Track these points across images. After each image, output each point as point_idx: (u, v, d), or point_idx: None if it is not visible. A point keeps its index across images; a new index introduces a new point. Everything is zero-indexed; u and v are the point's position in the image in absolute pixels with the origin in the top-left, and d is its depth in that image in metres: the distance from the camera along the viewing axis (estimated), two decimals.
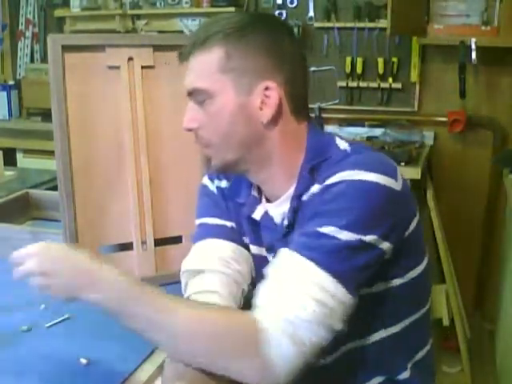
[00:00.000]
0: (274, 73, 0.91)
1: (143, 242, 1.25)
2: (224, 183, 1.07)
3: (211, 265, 0.98)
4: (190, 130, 0.95)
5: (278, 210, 0.97)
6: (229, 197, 1.05)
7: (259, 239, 1.02)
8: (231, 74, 0.90)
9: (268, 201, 1.00)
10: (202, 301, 0.91)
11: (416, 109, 2.91)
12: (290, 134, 0.95)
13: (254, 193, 1.02)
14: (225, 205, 1.05)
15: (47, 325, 1.07)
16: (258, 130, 0.93)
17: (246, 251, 1.03)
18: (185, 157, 1.28)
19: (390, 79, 2.90)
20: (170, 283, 1.24)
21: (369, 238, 0.81)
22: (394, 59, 2.87)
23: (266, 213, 0.99)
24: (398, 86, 2.90)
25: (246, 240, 1.04)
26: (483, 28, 2.66)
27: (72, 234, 1.17)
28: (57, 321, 1.08)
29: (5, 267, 1.32)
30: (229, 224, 1.04)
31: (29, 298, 1.17)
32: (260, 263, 1.00)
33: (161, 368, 0.96)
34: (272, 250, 0.98)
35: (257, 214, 1.00)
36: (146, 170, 1.24)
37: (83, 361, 0.95)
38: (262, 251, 1.02)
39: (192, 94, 0.94)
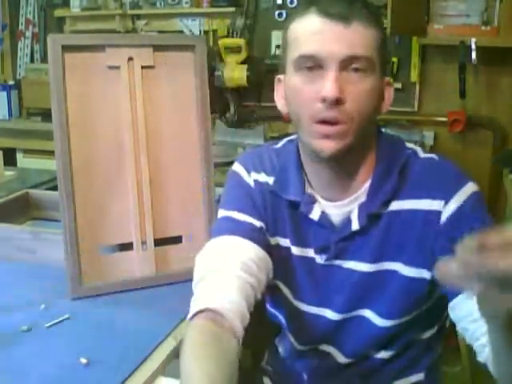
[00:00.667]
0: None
1: (143, 242, 1.25)
2: (263, 177, 0.99)
3: (231, 267, 0.90)
4: (338, 100, 0.82)
5: (341, 210, 0.92)
6: (271, 193, 0.98)
7: (304, 239, 0.96)
8: (381, 58, 0.87)
9: (324, 199, 0.94)
10: None
11: (416, 109, 2.91)
12: (374, 135, 0.95)
13: (309, 190, 0.95)
14: (261, 201, 0.98)
15: (47, 325, 1.07)
16: (376, 119, 0.91)
17: (268, 256, 0.95)
18: (185, 157, 1.28)
19: (390, 79, 2.90)
20: (170, 283, 1.25)
21: None
22: (394, 59, 2.87)
23: (323, 212, 0.93)
24: (398, 86, 2.90)
25: (281, 240, 0.98)
26: (483, 28, 2.66)
27: (72, 234, 1.17)
28: (57, 321, 1.08)
29: (5, 267, 1.33)
30: (258, 224, 0.97)
31: (29, 298, 1.17)
32: (303, 265, 0.97)
33: (160, 368, 0.97)
34: (326, 251, 0.94)
35: (314, 214, 0.94)
36: (146, 169, 1.24)
37: (83, 361, 0.95)
38: (308, 252, 0.96)
39: (351, 62, 0.83)
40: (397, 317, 0.93)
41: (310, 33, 0.84)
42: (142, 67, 1.23)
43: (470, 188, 0.88)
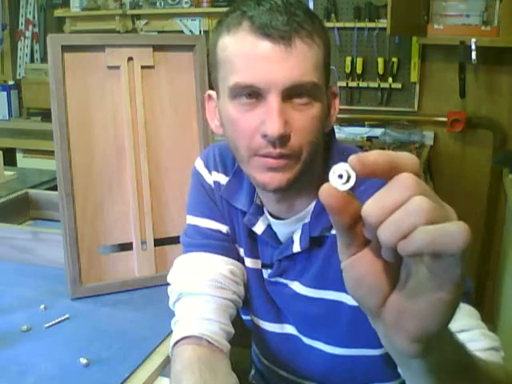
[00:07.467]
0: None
1: (143, 242, 1.25)
2: (222, 178, 0.93)
3: (204, 288, 0.87)
4: (283, 137, 0.73)
5: (286, 228, 0.86)
6: (224, 197, 0.93)
7: (256, 252, 0.92)
8: (326, 72, 0.77)
9: (270, 214, 0.88)
10: None
11: (416, 109, 2.91)
12: (321, 149, 0.85)
13: (258, 201, 0.88)
14: (221, 205, 0.94)
15: (47, 325, 1.07)
16: (322, 139, 0.81)
17: (241, 265, 0.93)
18: (184, 156, 1.28)
19: (390, 79, 2.90)
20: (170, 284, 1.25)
21: None
22: (394, 59, 2.87)
23: (269, 227, 0.88)
24: (398, 86, 2.90)
25: (239, 250, 0.94)
26: (483, 28, 2.66)
27: (72, 234, 1.17)
28: (57, 321, 1.08)
29: (5, 267, 1.33)
30: (224, 229, 0.93)
31: (29, 298, 1.17)
32: (255, 278, 0.93)
33: (160, 368, 0.97)
34: (269, 267, 0.90)
35: (258, 228, 0.88)
36: (146, 169, 1.24)
37: (83, 361, 0.95)
38: (258, 264, 0.92)
39: (294, 90, 0.73)
40: (348, 345, 0.86)
41: (245, 56, 0.72)
42: (142, 67, 1.23)
43: None
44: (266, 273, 0.92)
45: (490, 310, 2.82)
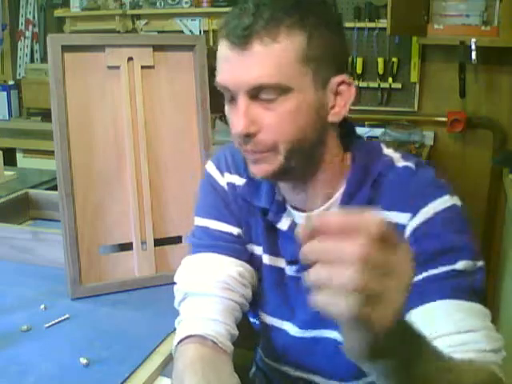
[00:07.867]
0: (346, 64, 0.81)
1: (143, 242, 1.25)
2: (237, 179, 0.93)
3: (211, 288, 0.87)
4: (248, 135, 0.77)
5: None
6: (242, 196, 0.92)
7: (277, 249, 0.91)
8: (311, 65, 0.76)
9: (294, 208, 0.88)
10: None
11: (416, 109, 2.91)
12: (341, 138, 0.85)
13: (279, 198, 0.89)
14: (235, 206, 0.93)
15: (47, 325, 1.07)
16: (323, 131, 0.81)
17: (251, 268, 0.92)
18: (185, 157, 1.28)
19: (390, 79, 2.90)
20: (170, 283, 1.24)
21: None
22: (394, 59, 2.87)
23: (293, 222, 0.88)
24: (398, 86, 2.90)
25: (255, 248, 0.93)
26: (483, 28, 2.66)
27: (72, 234, 1.17)
28: (57, 321, 1.08)
29: (5, 267, 1.33)
30: (236, 231, 0.93)
31: (29, 298, 1.17)
32: (273, 275, 0.92)
33: (160, 368, 0.97)
34: (296, 263, 0.88)
35: (283, 224, 0.88)
36: (146, 169, 1.24)
37: (83, 361, 0.95)
38: (278, 262, 0.91)
39: (259, 90, 0.75)
40: None
41: (221, 59, 0.79)
42: (142, 67, 1.23)
43: (441, 203, 0.78)
44: (290, 269, 0.90)
45: (490, 310, 2.82)
